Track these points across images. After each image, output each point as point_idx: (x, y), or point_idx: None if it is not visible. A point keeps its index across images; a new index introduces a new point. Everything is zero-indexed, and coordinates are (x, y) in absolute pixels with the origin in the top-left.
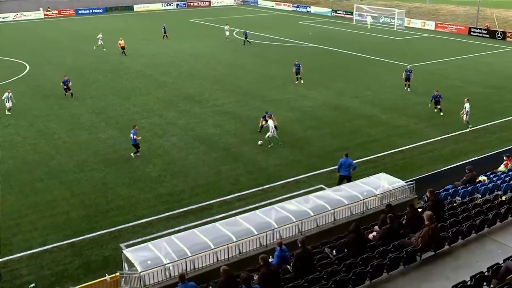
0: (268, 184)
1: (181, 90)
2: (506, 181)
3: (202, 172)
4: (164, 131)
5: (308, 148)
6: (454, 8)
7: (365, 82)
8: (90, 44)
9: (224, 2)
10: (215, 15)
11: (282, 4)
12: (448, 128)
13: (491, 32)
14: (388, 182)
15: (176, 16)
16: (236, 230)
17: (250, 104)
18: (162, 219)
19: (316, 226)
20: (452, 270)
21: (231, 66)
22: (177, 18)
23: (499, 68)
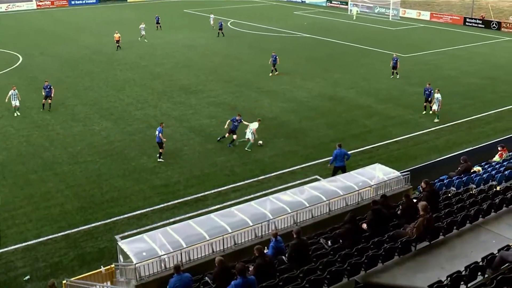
0: (263, 175)
1: (176, 81)
2: (500, 171)
3: (197, 163)
4: (159, 123)
5: (304, 138)
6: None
7: (361, 72)
8: (84, 35)
9: None
10: (210, 5)
11: None
12: (443, 118)
13: (486, 22)
14: (383, 173)
15: (170, 7)
16: (231, 221)
17: (245, 95)
18: (157, 210)
19: (311, 217)
20: (447, 260)
21: (226, 56)
22: (171, 9)
23: (494, 58)
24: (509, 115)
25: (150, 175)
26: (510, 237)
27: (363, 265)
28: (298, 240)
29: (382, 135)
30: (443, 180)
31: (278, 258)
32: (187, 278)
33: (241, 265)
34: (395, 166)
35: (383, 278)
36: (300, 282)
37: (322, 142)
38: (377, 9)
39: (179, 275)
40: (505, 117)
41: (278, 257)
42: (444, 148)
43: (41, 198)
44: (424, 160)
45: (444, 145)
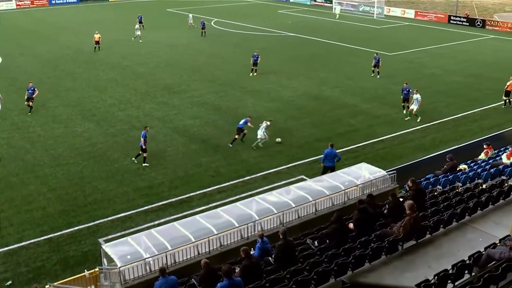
0: (248, 176)
1: (159, 81)
2: (486, 169)
3: (182, 164)
4: (142, 123)
5: (289, 138)
6: None
7: (346, 71)
8: (65, 35)
9: None
10: (193, 4)
11: None
12: (428, 117)
13: (471, 20)
14: (369, 172)
15: (153, 6)
16: (217, 223)
17: (229, 95)
18: (141, 212)
19: (298, 217)
20: (434, 259)
21: (209, 56)
22: (154, 8)
23: (478, 56)
24: (494, 113)
25: (133, 177)
26: (497, 235)
27: (350, 265)
28: (284, 241)
29: (367, 134)
30: (429, 179)
31: (265, 259)
32: (172, 280)
33: (227, 266)
34: (381, 165)
35: (370, 278)
36: (287, 283)
37: (307, 141)
38: (361, 8)
39: (164, 278)
40: (490, 114)
41: (265, 258)
42: (430, 146)
43: (22, 201)
44: (410, 159)
45: (430, 144)
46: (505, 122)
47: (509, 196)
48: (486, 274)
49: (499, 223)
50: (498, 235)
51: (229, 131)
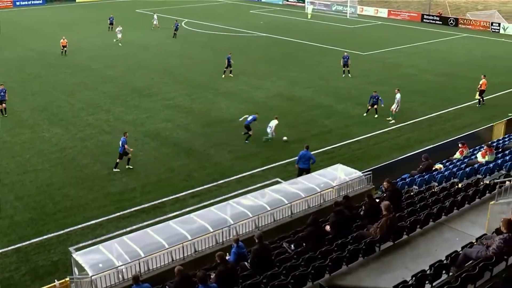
0: (222, 179)
1: (129, 84)
2: (462, 168)
3: (154, 169)
4: (112, 128)
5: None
6: None
7: (319, 71)
8: (30, 37)
9: None
10: (163, 5)
11: None
12: (403, 117)
13: (444, 19)
14: (345, 173)
15: (122, 7)
16: (191, 228)
17: (202, 97)
18: (112, 219)
19: (273, 220)
20: (411, 259)
21: (181, 57)
22: (123, 9)
23: (451, 55)
24: (468, 112)
25: (104, 183)
26: (473, 234)
27: (327, 268)
28: (260, 245)
29: (342, 135)
30: (405, 179)
31: (240, 264)
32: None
33: (202, 273)
34: (357, 166)
35: (348, 280)
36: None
37: (282, 143)
38: (334, 7)
39: (138, 286)
40: (464, 113)
41: (240, 263)
42: (405, 146)
43: None
44: (385, 159)
45: (405, 144)
46: (479, 120)
47: (484, 195)
48: (463, 274)
49: (475, 222)
50: (474, 234)
51: (201, 134)
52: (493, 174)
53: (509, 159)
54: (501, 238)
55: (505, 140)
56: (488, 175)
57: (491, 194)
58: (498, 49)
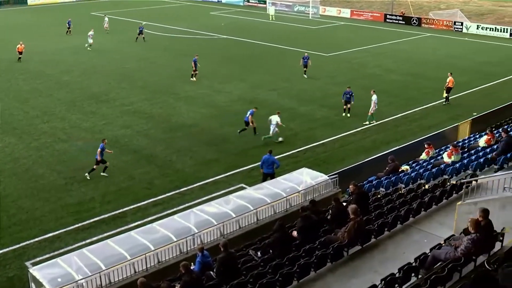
0: (185, 187)
1: (86, 90)
2: (428, 169)
3: (113, 177)
4: (69, 136)
5: (226, 145)
6: None
7: (282, 73)
8: None
9: None
10: (119, 7)
11: None
12: None
13: (407, 18)
14: (311, 177)
15: (76, 10)
16: (154, 238)
17: (162, 102)
18: (71, 231)
19: (239, 227)
20: (380, 263)
21: (139, 61)
22: (77, 12)
23: (416, 55)
24: (434, 112)
25: (61, 193)
26: (441, 236)
27: (295, 274)
28: (226, 253)
29: (307, 138)
30: (372, 181)
31: (206, 274)
32: None
33: (167, 284)
34: (323, 169)
35: (317, 286)
36: None
37: (245, 148)
38: (296, 8)
39: None
40: (430, 113)
41: (206, 273)
42: (371, 148)
43: None
44: (351, 162)
45: (371, 145)
46: (445, 120)
47: (451, 195)
48: (432, 276)
49: (443, 223)
50: (442, 235)
51: (162, 140)
52: (459, 174)
53: (475, 159)
54: (469, 239)
55: (471, 139)
56: (454, 175)
57: (458, 195)
58: (462, 49)
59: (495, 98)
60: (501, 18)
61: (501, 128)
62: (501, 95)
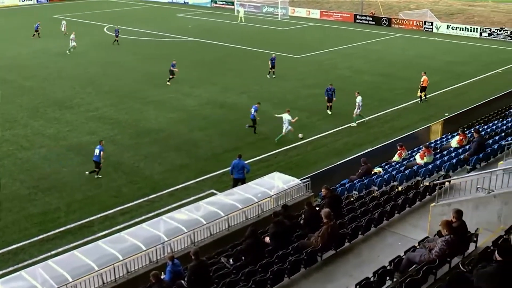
0: (154, 194)
1: (49, 95)
2: (401, 171)
3: (79, 185)
4: (31, 143)
5: (195, 150)
6: None
7: (252, 76)
8: None
9: None
10: (83, 9)
11: None
12: (341, 120)
13: (377, 19)
14: (283, 181)
15: (38, 12)
16: (122, 247)
17: (128, 107)
18: (35, 242)
19: (210, 234)
20: (355, 267)
21: (104, 65)
22: (39, 14)
23: (387, 55)
24: (405, 113)
25: (25, 203)
26: (416, 238)
27: (269, 281)
28: (197, 261)
29: (279, 142)
30: (344, 184)
31: (177, 283)
32: None
33: None
34: (295, 173)
35: None
36: None
37: (215, 153)
38: (265, 9)
39: None
40: (402, 114)
41: (177, 282)
42: (344, 150)
43: None
44: (324, 165)
45: (343, 148)
46: (417, 121)
47: (425, 197)
48: (407, 279)
49: (417, 225)
50: (416, 238)
51: (130, 146)
52: (432, 175)
53: (448, 160)
54: (443, 240)
55: (443, 140)
56: (427, 176)
57: (431, 196)
58: (432, 49)
59: (466, 98)
60: (470, 18)
61: (473, 128)
62: (472, 95)
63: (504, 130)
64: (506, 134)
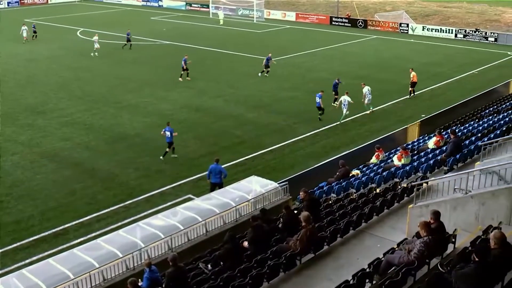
0: (130, 200)
1: (20, 101)
2: (379, 173)
3: (53, 193)
4: (3, 150)
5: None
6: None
7: (227, 79)
8: None
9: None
10: (54, 13)
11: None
12: (318, 122)
13: (353, 20)
14: (260, 185)
15: (8, 16)
16: (98, 255)
17: (102, 112)
18: (8, 251)
19: (187, 240)
20: (334, 270)
21: (77, 69)
22: (10, 18)
23: (363, 57)
24: (383, 115)
25: None
26: (394, 240)
27: (248, 286)
28: (175, 268)
29: (256, 145)
30: (322, 187)
31: None
32: None
33: None
34: (273, 176)
35: None
36: None
37: (191, 157)
38: (240, 11)
39: None
40: (379, 116)
41: None
42: (321, 153)
43: None
44: (301, 168)
45: (321, 150)
46: (394, 123)
47: (403, 198)
48: (387, 281)
49: (395, 227)
50: (395, 240)
51: (104, 151)
52: (410, 177)
53: (425, 161)
54: (422, 242)
55: (420, 141)
56: (405, 178)
57: (409, 198)
58: (408, 50)
59: (442, 99)
60: (445, 19)
61: (449, 129)
62: (448, 95)
63: (480, 130)
64: (482, 134)
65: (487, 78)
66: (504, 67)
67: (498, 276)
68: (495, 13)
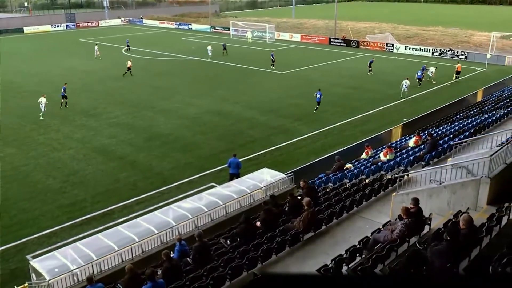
0: (164, 187)
1: (76, 105)
2: (368, 166)
3: (102, 180)
4: (62, 145)
5: (198, 151)
6: (316, 22)
7: (244, 89)
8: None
9: (111, 22)
10: (103, 34)
11: (166, 23)
12: (318, 124)
13: (347, 41)
14: (270, 176)
15: (66, 37)
16: (138, 231)
17: (141, 115)
18: (66, 228)
19: (211, 220)
20: (330, 246)
21: (121, 80)
22: (68, 38)
23: (356, 71)
24: (373, 119)
25: (56, 196)
26: (380, 221)
27: (259, 258)
28: (200, 243)
29: (266, 143)
30: (321, 178)
31: (184, 261)
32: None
33: (151, 270)
34: (280, 169)
35: (278, 267)
36: (204, 280)
37: (213, 153)
38: (255, 33)
39: (92, 286)
40: (369, 120)
41: (184, 260)
42: (320, 150)
43: None
44: (304, 162)
45: (320, 148)
46: (381, 126)
47: (387, 188)
48: (374, 255)
49: (381, 211)
50: (381, 221)
51: (143, 147)
52: (393, 170)
53: (406, 157)
54: (402, 223)
55: (402, 141)
56: (389, 171)
57: (392, 187)
58: (393, 66)
59: (421, 105)
60: (424, 40)
61: (427, 131)
62: (426, 103)
63: (452, 132)
64: (454, 135)
65: (458, 89)
66: (473, 80)
67: (466, 252)
68: (466, 35)
